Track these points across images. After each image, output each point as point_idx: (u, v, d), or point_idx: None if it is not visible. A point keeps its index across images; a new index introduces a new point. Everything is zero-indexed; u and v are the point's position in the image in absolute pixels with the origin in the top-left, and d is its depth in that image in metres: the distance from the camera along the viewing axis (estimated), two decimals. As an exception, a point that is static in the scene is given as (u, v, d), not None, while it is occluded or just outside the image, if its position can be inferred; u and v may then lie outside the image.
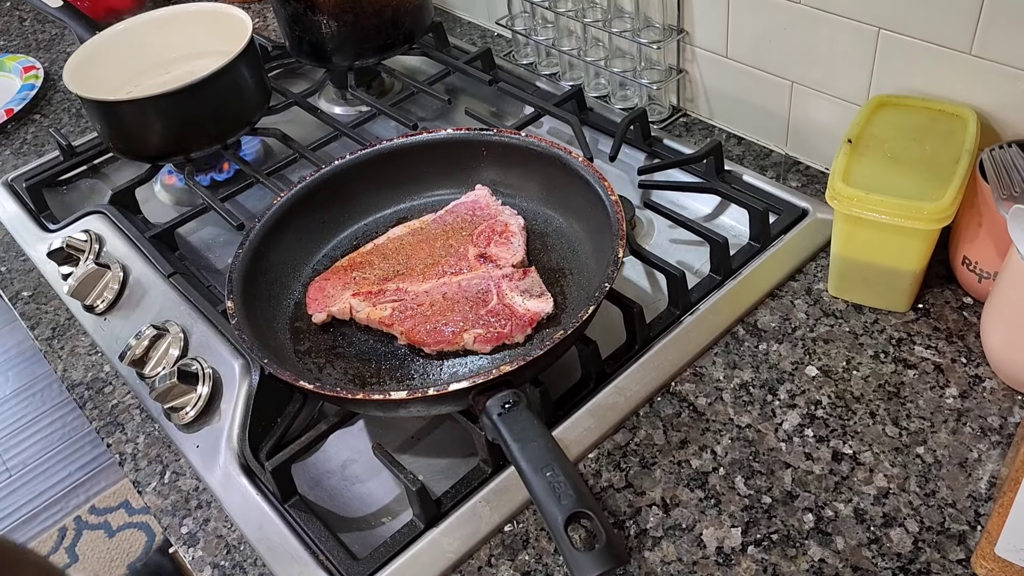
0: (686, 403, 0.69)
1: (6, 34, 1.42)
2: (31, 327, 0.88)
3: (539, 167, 0.79)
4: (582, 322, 0.62)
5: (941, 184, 0.65)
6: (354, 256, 0.78)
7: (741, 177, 0.86)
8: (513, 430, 0.55)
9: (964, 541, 0.57)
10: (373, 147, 0.83)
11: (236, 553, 0.64)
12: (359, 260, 0.77)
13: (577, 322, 0.62)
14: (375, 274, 0.75)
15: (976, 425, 0.64)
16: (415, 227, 0.79)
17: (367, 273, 0.75)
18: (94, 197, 1.04)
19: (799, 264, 0.78)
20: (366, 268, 0.75)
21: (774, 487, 0.62)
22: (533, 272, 0.73)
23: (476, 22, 1.24)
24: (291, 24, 1.03)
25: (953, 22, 0.70)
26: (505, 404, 0.57)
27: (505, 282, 0.71)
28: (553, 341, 0.61)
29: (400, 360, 0.70)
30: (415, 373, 0.68)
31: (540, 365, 0.62)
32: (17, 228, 0.99)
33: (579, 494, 0.48)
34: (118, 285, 0.84)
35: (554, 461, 0.51)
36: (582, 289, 0.72)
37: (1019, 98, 0.69)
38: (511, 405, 0.57)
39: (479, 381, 0.58)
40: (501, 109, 1.07)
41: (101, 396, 0.79)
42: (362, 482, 0.69)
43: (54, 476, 2.02)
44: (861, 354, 0.70)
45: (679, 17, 0.92)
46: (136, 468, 0.72)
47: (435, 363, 0.69)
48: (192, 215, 0.91)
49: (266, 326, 0.71)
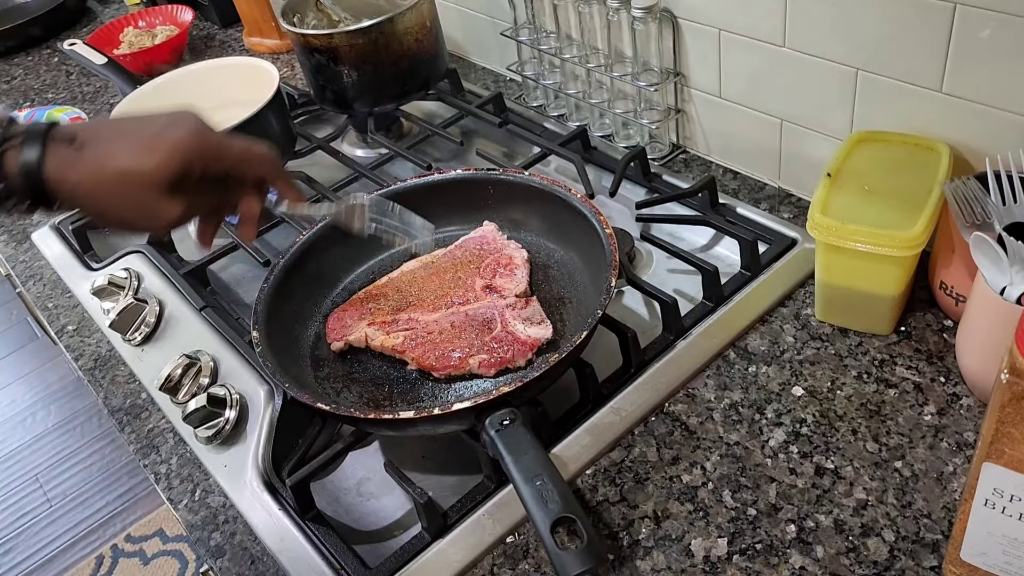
0: (678, 422, 0.73)
1: (54, 87, 1.52)
2: (75, 358, 0.95)
3: (541, 204, 0.85)
4: (576, 346, 0.67)
5: (915, 213, 0.70)
6: (370, 289, 0.84)
7: (735, 209, 0.91)
8: (509, 444, 0.60)
9: (937, 549, 0.61)
10: (389, 187, 0.89)
11: (260, 564, 0.69)
12: (375, 292, 0.83)
13: (571, 346, 0.67)
14: (389, 305, 0.81)
15: (952, 440, 0.67)
16: (427, 261, 0.85)
17: (382, 304, 0.81)
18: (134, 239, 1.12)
19: (788, 291, 0.82)
20: (381, 300, 0.81)
21: (759, 500, 0.66)
22: (534, 301, 0.78)
23: (489, 67, 1.31)
24: (315, 74, 1.11)
25: (924, 62, 0.74)
26: (503, 422, 0.62)
27: (508, 311, 0.77)
28: (548, 364, 0.66)
29: (411, 384, 0.75)
30: (425, 396, 0.74)
31: (537, 386, 0.67)
32: (63, 267, 1.07)
33: (565, 500, 0.53)
34: (154, 319, 0.91)
35: (544, 472, 0.56)
36: (580, 316, 0.77)
37: (987, 132, 0.73)
38: (509, 423, 0.62)
39: (481, 401, 0.64)
40: (512, 149, 1.13)
41: (138, 421, 0.85)
42: (376, 498, 0.74)
43: (92, 506, 2.10)
44: (845, 375, 0.74)
45: (675, 61, 0.97)
46: (170, 487, 0.78)
47: (443, 386, 0.74)
48: (222, 253, 0.98)
49: (289, 354, 0.77)
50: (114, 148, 0.59)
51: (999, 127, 0.72)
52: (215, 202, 0.65)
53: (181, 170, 0.60)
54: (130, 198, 0.59)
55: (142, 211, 0.60)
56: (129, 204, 0.59)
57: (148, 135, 0.59)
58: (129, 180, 0.58)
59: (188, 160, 0.60)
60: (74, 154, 0.58)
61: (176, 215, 0.61)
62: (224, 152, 0.63)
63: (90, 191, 0.58)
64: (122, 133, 0.60)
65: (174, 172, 0.59)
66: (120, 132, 0.60)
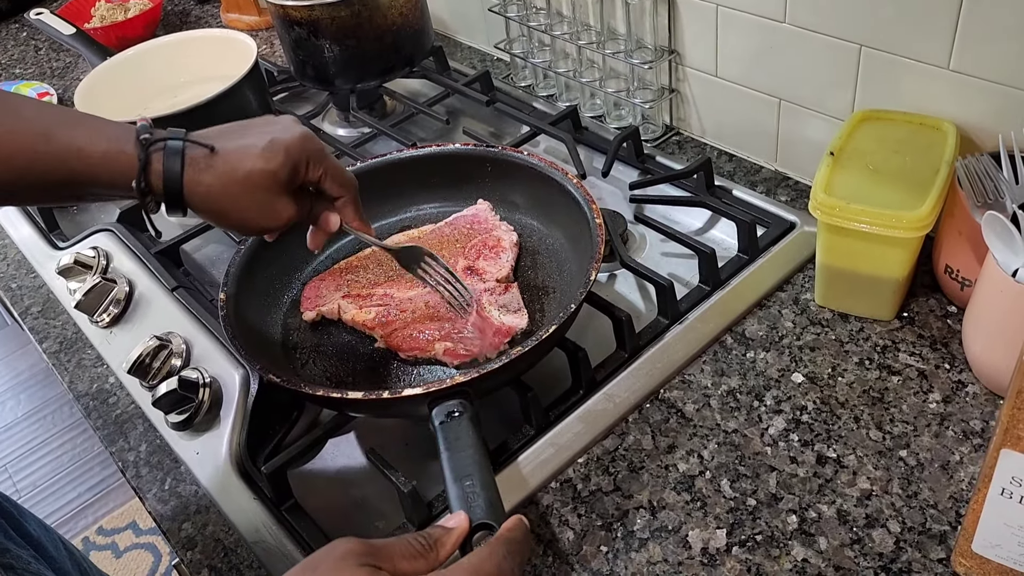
0: (674, 409, 0.70)
1: (22, 62, 1.47)
2: (40, 341, 0.90)
3: (535, 184, 0.81)
4: (541, 340, 0.63)
5: (921, 194, 0.67)
6: (352, 259, 0.81)
7: (731, 192, 0.88)
8: (448, 439, 0.56)
9: (945, 540, 0.58)
10: (383, 156, 0.86)
11: (233, 556, 0.66)
12: (356, 263, 0.80)
13: (536, 340, 0.63)
14: (367, 278, 0.78)
15: (958, 428, 0.65)
16: (414, 236, 0.82)
17: (360, 277, 0.78)
18: (103, 216, 1.07)
19: (787, 275, 0.79)
20: (360, 272, 0.79)
21: (759, 490, 0.63)
22: (514, 288, 0.75)
23: (475, 46, 1.27)
24: (295, 49, 1.07)
25: (931, 39, 0.72)
26: (450, 413, 0.59)
27: (486, 295, 0.73)
28: (510, 357, 0.62)
29: (376, 363, 0.73)
30: (388, 377, 0.71)
31: (496, 379, 0.63)
32: (29, 247, 1.02)
33: (489, 506, 0.49)
34: (124, 299, 0.87)
35: (475, 473, 0.52)
36: (561, 307, 0.74)
37: (996, 110, 0.71)
38: (456, 415, 0.58)
39: (432, 389, 0.60)
40: (499, 129, 1.10)
41: (105, 406, 0.81)
42: (357, 487, 0.71)
43: (63, 497, 2.04)
44: (846, 361, 0.71)
45: (671, 38, 0.94)
46: (138, 475, 0.74)
47: (410, 369, 0.72)
48: (197, 232, 0.94)
49: (259, 320, 0.74)
50: (243, 151, 0.62)
51: (1009, 105, 0.69)
52: (307, 210, 0.68)
53: (295, 171, 0.64)
54: (254, 198, 0.63)
55: (264, 210, 0.64)
56: (253, 204, 0.63)
57: (267, 138, 0.63)
58: (256, 181, 0.62)
59: (300, 161, 0.64)
60: (209, 159, 0.62)
61: (291, 213, 0.65)
62: (324, 159, 0.66)
63: (220, 193, 0.62)
64: (245, 136, 0.63)
65: (290, 172, 0.63)
66: (243, 136, 0.63)
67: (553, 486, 0.66)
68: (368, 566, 0.41)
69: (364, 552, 0.42)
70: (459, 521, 0.47)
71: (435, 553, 0.44)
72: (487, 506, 0.49)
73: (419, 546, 0.44)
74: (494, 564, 0.43)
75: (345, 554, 0.42)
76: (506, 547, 0.44)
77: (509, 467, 0.66)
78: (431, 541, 0.45)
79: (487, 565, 0.42)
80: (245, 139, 0.63)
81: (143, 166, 0.60)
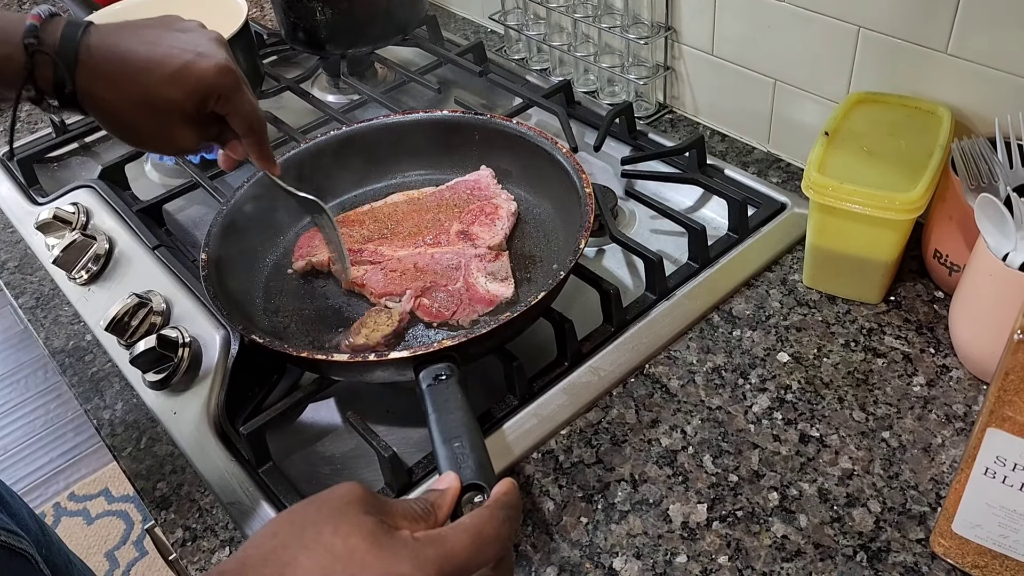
0: (659, 384, 0.70)
1: (5, 16, 1.43)
2: (16, 296, 0.88)
3: (523, 154, 0.81)
4: (530, 306, 0.62)
5: (914, 177, 0.67)
6: (350, 214, 0.81)
7: (723, 171, 0.88)
8: (436, 401, 0.55)
9: (924, 521, 0.58)
10: (370, 121, 0.84)
11: (208, 516, 0.65)
12: (353, 218, 0.80)
13: (525, 306, 0.62)
14: (361, 234, 0.78)
15: (941, 412, 0.65)
16: (413, 196, 0.82)
17: (354, 232, 0.78)
18: (84, 173, 1.05)
19: (776, 256, 0.79)
20: (355, 227, 0.79)
21: (741, 466, 0.63)
22: (504, 257, 0.74)
23: (470, 17, 1.25)
24: (286, 11, 1.05)
25: (931, 22, 0.71)
26: (437, 376, 0.58)
27: (475, 261, 0.73)
28: (498, 322, 0.62)
29: None
30: None
31: (483, 344, 0.63)
32: (7, 201, 1.00)
33: (479, 467, 0.48)
34: (103, 256, 0.85)
35: (464, 434, 0.51)
36: (548, 277, 0.73)
37: (992, 96, 0.71)
38: (445, 378, 0.58)
39: (419, 352, 0.59)
40: (491, 100, 1.08)
41: (81, 364, 0.79)
42: (336, 452, 0.70)
43: (35, 462, 2.02)
44: (832, 342, 0.71)
45: (667, 15, 0.93)
46: (113, 434, 0.72)
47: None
48: (181, 191, 0.92)
49: (241, 281, 0.74)
50: (148, 69, 0.59)
51: (1005, 91, 0.69)
52: (214, 135, 0.66)
53: (202, 104, 0.61)
54: (154, 122, 0.61)
55: (162, 136, 0.62)
56: (151, 129, 0.61)
57: (180, 61, 0.59)
58: (157, 106, 0.60)
59: (211, 95, 0.61)
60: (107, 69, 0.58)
61: (190, 145, 0.64)
62: (235, 95, 0.63)
63: (116, 110, 0.60)
64: (157, 46, 0.60)
65: (196, 105, 0.61)
66: (155, 45, 0.60)
67: (535, 456, 0.65)
68: (373, 516, 0.40)
69: (371, 502, 0.41)
70: (450, 481, 0.46)
71: (434, 516, 0.43)
72: (477, 467, 0.48)
73: (419, 510, 0.43)
74: (494, 528, 0.42)
75: (352, 500, 0.41)
76: (504, 511, 0.43)
77: (492, 436, 0.66)
78: (429, 505, 0.43)
79: (488, 528, 0.41)
80: (156, 51, 0.59)
81: (29, 73, 0.57)
